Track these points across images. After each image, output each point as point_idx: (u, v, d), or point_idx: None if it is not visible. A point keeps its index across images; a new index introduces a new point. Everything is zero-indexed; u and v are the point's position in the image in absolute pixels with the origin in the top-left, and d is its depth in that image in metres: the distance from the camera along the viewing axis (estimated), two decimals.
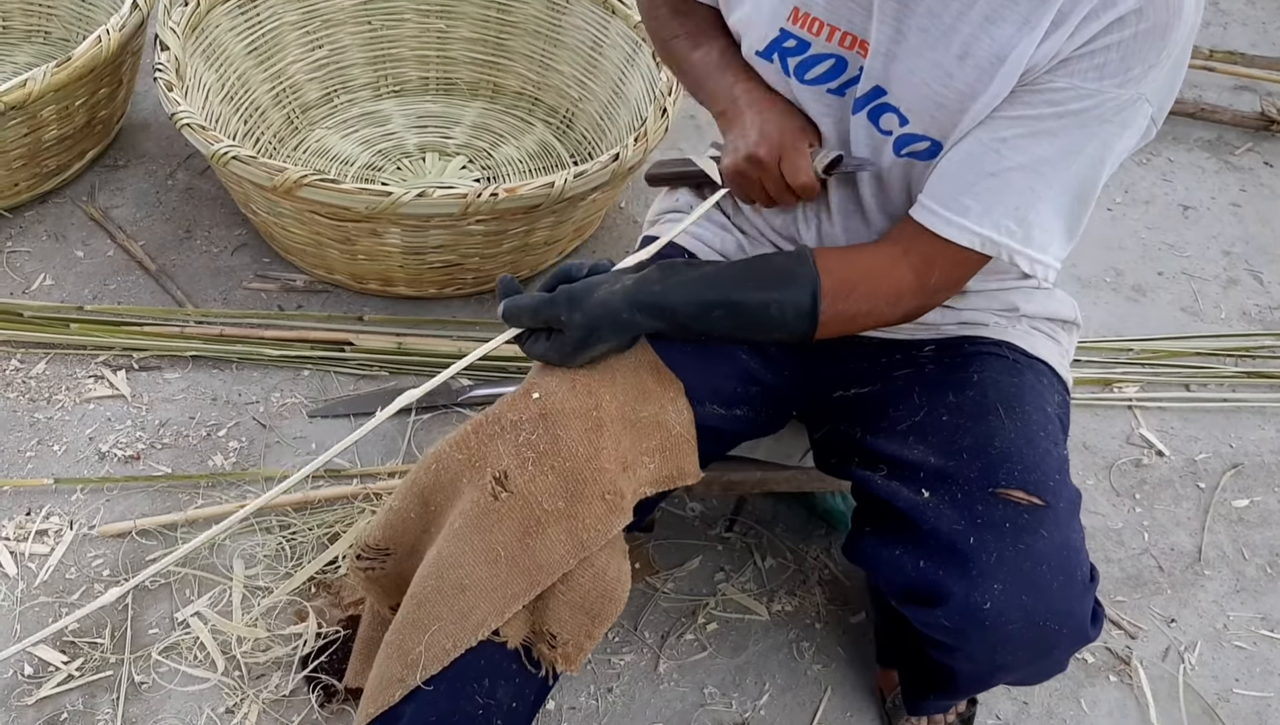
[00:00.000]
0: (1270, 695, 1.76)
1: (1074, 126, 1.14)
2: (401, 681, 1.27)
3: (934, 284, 1.25)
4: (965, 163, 1.18)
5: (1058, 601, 1.21)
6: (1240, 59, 3.15)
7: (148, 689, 1.61)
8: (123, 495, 1.84)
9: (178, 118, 2.01)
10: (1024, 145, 1.15)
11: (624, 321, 1.23)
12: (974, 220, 1.18)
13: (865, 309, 1.25)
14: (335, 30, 2.54)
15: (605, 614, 1.26)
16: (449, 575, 1.24)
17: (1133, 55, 1.11)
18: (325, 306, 2.19)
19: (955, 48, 1.17)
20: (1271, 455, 2.14)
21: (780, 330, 1.25)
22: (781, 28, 1.27)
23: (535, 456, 1.22)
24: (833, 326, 1.24)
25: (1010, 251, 1.19)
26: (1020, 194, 1.17)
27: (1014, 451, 1.26)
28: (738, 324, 1.25)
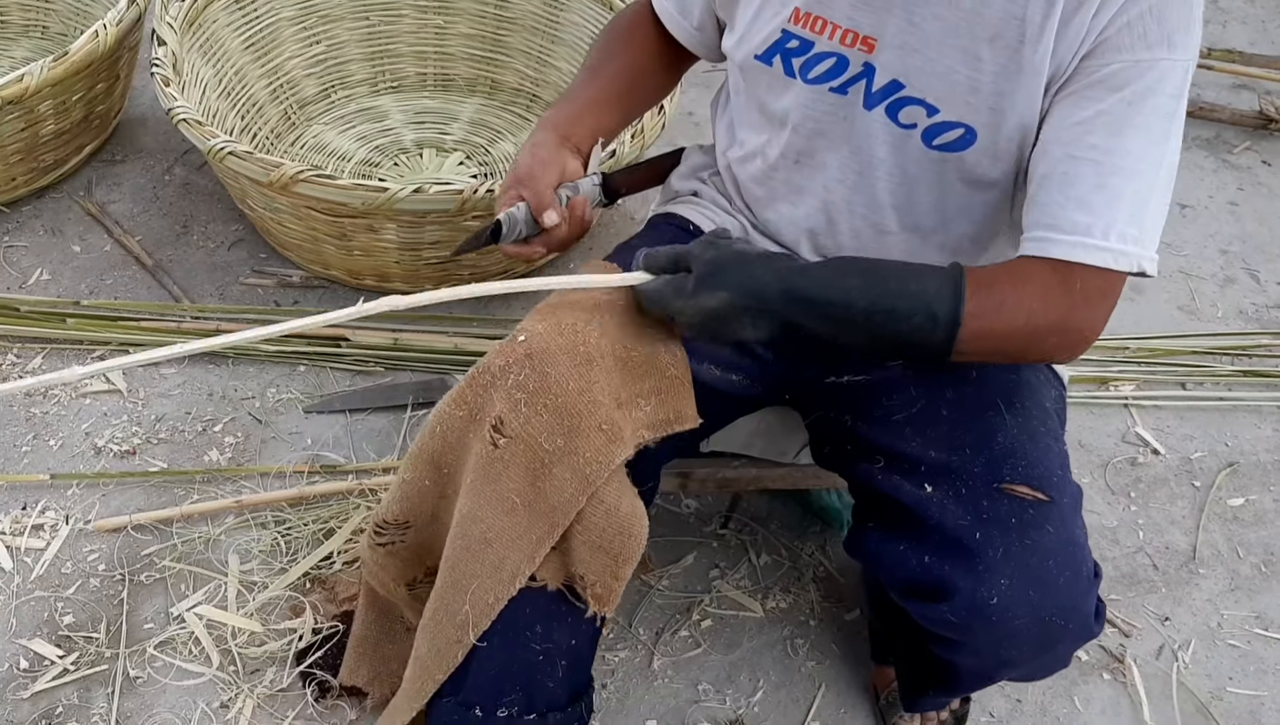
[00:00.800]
0: (1264, 694, 1.77)
1: (1147, 110, 1.12)
2: (459, 642, 1.28)
3: (1078, 317, 1.17)
4: (1065, 181, 1.15)
5: (1064, 597, 1.22)
6: (1239, 57, 3.15)
7: (142, 683, 1.62)
8: (118, 490, 1.84)
9: (174, 113, 2.01)
10: (1113, 146, 1.12)
11: (753, 275, 1.18)
12: (1099, 236, 1.13)
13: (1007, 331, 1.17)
14: (333, 26, 2.54)
15: (626, 552, 1.24)
16: (472, 531, 1.25)
17: (1166, 17, 1.11)
18: (321, 302, 2.19)
19: (983, 31, 1.17)
20: (1267, 454, 2.14)
21: (914, 347, 1.19)
22: (783, 29, 1.27)
23: (526, 397, 1.21)
24: (971, 349, 1.18)
25: (1139, 260, 1.14)
26: (1131, 198, 1.13)
27: (1017, 447, 1.26)
28: (871, 327, 1.18)
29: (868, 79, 1.25)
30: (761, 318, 1.18)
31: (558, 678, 1.34)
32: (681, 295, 1.19)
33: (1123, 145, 1.13)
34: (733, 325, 1.19)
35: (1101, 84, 1.13)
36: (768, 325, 1.19)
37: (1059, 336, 1.17)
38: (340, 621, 1.66)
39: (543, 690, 1.34)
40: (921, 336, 1.16)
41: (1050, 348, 1.19)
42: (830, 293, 1.18)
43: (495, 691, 1.33)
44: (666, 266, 1.23)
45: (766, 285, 1.18)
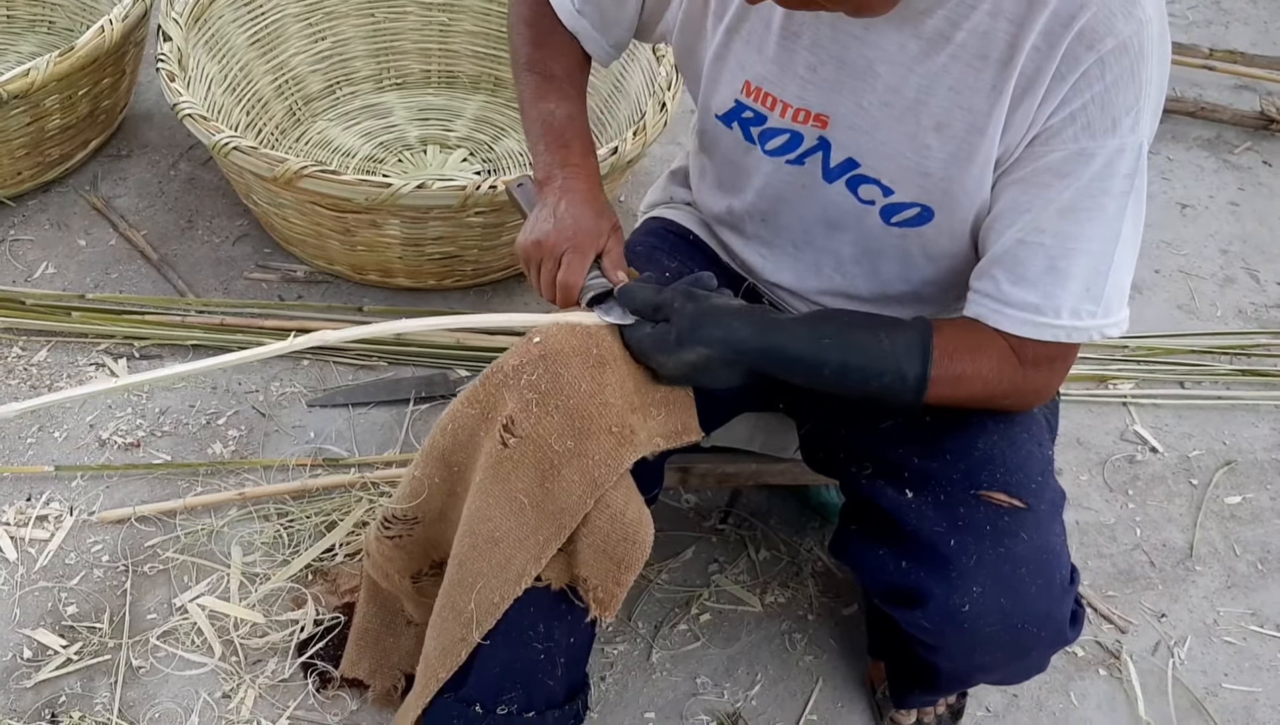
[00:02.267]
0: (1259, 690, 1.78)
1: (1096, 193, 1.13)
2: (464, 640, 1.30)
3: (1032, 382, 1.23)
4: (1015, 263, 1.17)
5: (1036, 604, 1.23)
6: (1240, 58, 3.15)
7: (145, 673, 1.63)
8: (122, 482, 1.86)
9: (179, 108, 2.02)
10: (1062, 230, 1.14)
11: (733, 331, 1.21)
12: (1050, 316, 1.16)
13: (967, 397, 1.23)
14: (338, 23, 2.55)
15: (630, 559, 1.25)
16: (480, 530, 1.26)
17: (1111, 105, 1.10)
18: (325, 297, 2.21)
19: (928, 120, 1.18)
20: (1265, 453, 2.15)
21: (883, 402, 1.24)
22: (736, 99, 1.28)
23: (538, 397, 1.21)
24: (934, 405, 1.24)
25: (1098, 330, 1.18)
26: (1083, 277, 1.15)
27: (996, 453, 1.27)
28: (843, 383, 1.23)
29: (824, 152, 1.26)
30: (737, 369, 1.23)
31: (557, 676, 1.36)
32: (663, 349, 1.22)
33: (1073, 230, 1.14)
34: (709, 377, 1.24)
35: (1049, 170, 1.14)
36: (743, 375, 1.24)
37: (1014, 399, 1.25)
38: (341, 613, 1.68)
39: (542, 688, 1.35)
40: (891, 394, 1.22)
41: (1007, 406, 1.27)
42: (804, 350, 1.22)
43: (496, 689, 1.35)
44: (643, 309, 1.24)
45: (744, 341, 1.21)
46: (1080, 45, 1.08)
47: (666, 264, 1.47)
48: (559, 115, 1.40)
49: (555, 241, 1.28)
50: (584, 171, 1.36)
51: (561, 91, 1.42)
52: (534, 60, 1.44)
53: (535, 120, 1.41)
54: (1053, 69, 1.10)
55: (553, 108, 1.40)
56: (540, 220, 1.31)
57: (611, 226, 1.32)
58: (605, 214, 1.33)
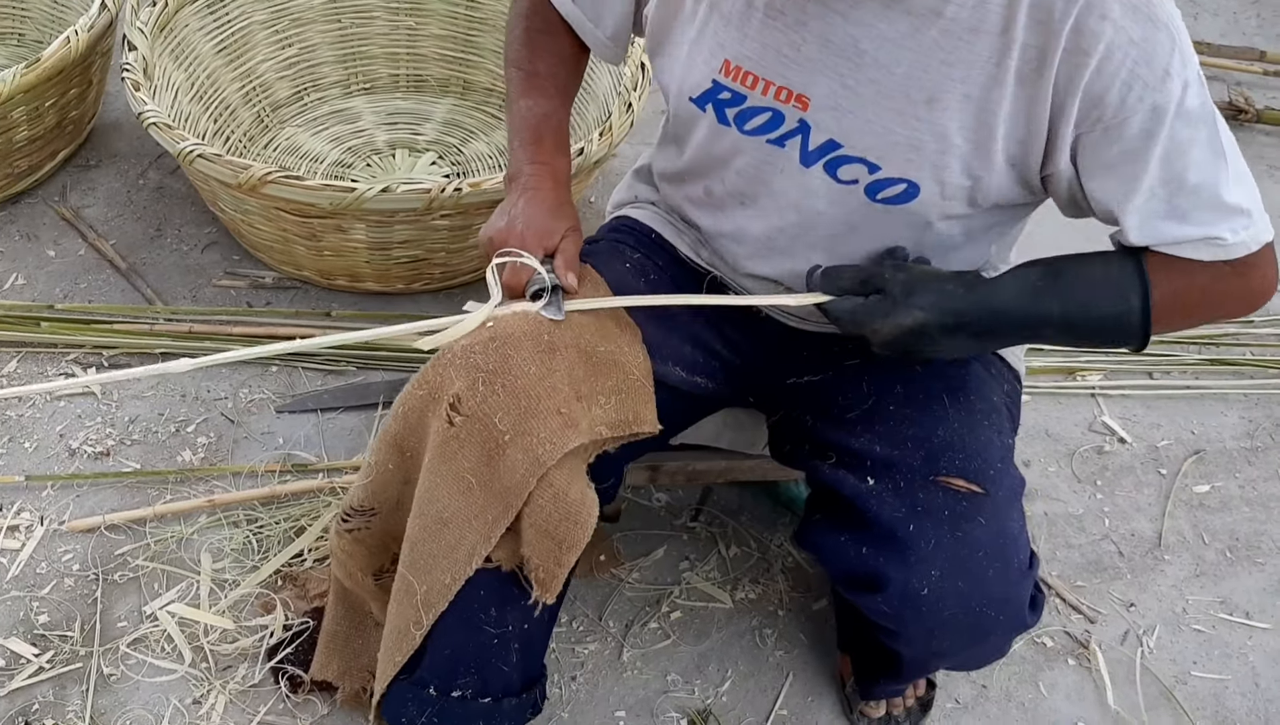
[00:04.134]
0: (1228, 678, 1.79)
1: (1181, 129, 1.13)
2: (417, 623, 1.31)
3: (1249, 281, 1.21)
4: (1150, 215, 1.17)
5: (993, 588, 1.24)
6: (1208, 49, 3.17)
7: (116, 680, 1.63)
8: (92, 491, 1.86)
9: (145, 117, 2.02)
10: (1168, 176, 1.15)
11: (948, 292, 1.21)
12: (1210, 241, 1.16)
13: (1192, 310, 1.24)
14: (305, 29, 2.56)
15: (571, 539, 1.25)
16: (429, 511, 1.27)
17: (1153, 57, 1.10)
18: (294, 303, 2.21)
19: (919, 95, 1.17)
20: (1233, 441, 2.17)
21: (1113, 338, 1.25)
22: (714, 80, 1.27)
23: (485, 377, 1.22)
24: (1164, 329, 1.24)
25: (1255, 237, 1.17)
26: (1210, 202, 1.15)
27: (956, 440, 1.28)
28: (1069, 330, 1.24)
29: (804, 135, 1.25)
30: (957, 333, 1.22)
31: (511, 663, 1.36)
32: (879, 316, 1.22)
33: (1177, 173, 1.14)
34: (926, 342, 1.23)
35: (1135, 139, 1.13)
36: (963, 341, 1.23)
37: (1240, 300, 1.23)
38: (311, 617, 1.68)
39: (497, 674, 1.36)
40: (1117, 326, 1.21)
41: (1235, 309, 1.26)
42: (1023, 302, 1.22)
43: (450, 672, 1.36)
44: (852, 287, 1.25)
45: (960, 301, 1.21)
46: (1091, 15, 1.09)
47: (629, 256, 1.47)
48: (535, 112, 1.41)
49: (505, 238, 1.30)
50: (550, 170, 1.37)
51: (542, 89, 1.43)
52: (521, 57, 1.45)
53: (514, 115, 1.43)
54: (1062, 43, 1.10)
55: (531, 104, 1.41)
56: (499, 215, 1.33)
57: (568, 227, 1.33)
58: (563, 214, 1.34)
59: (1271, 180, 2.85)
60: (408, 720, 1.39)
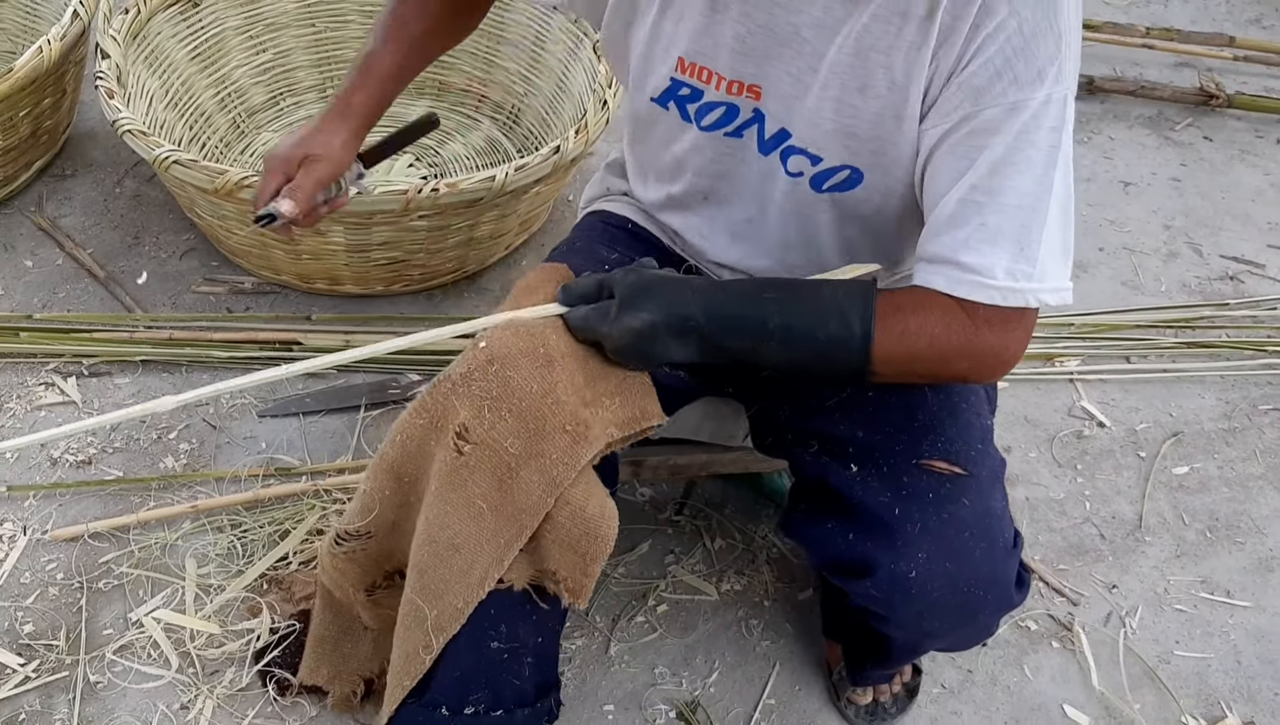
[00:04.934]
0: (1210, 656, 1.81)
1: (1025, 147, 1.12)
2: (427, 648, 1.30)
3: (985, 342, 1.17)
4: (950, 224, 1.15)
5: (980, 567, 1.25)
6: (1178, 35, 3.20)
7: (103, 688, 1.63)
8: (75, 500, 1.86)
9: (119, 124, 2.02)
10: (993, 187, 1.13)
11: (673, 294, 1.20)
12: (986, 276, 1.13)
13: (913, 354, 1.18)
14: (279, 34, 2.55)
15: (594, 552, 1.25)
16: (440, 538, 1.26)
17: (1035, 56, 1.10)
18: (273, 307, 2.21)
19: (853, 81, 1.19)
20: (1210, 423, 2.18)
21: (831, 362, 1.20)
22: (672, 77, 1.29)
23: (490, 403, 1.22)
24: (887, 371, 1.20)
25: (1034, 294, 1.14)
26: (1015, 236, 1.13)
27: (937, 423, 1.29)
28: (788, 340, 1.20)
29: (759, 125, 1.26)
30: (685, 337, 1.21)
31: (524, 675, 1.36)
32: (606, 320, 1.21)
33: (1004, 184, 1.12)
34: (658, 346, 1.22)
35: (980, 131, 1.13)
36: (693, 344, 1.22)
37: (969, 361, 1.18)
38: (297, 620, 1.68)
39: (509, 687, 1.36)
40: (837, 350, 1.18)
41: (963, 371, 1.20)
42: (748, 307, 1.20)
43: (461, 691, 1.35)
44: (589, 294, 1.25)
45: (687, 303, 1.20)
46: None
47: (605, 256, 1.48)
48: (378, 62, 1.51)
49: (269, 159, 1.46)
50: (338, 110, 1.49)
51: (388, 29, 1.50)
52: (398, 7, 1.51)
53: (364, 56, 1.52)
54: (970, 19, 1.11)
55: (381, 54, 1.50)
56: (285, 136, 1.49)
57: (304, 156, 1.44)
58: (310, 145, 1.45)
59: (1244, 165, 2.88)
60: None
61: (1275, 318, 2.42)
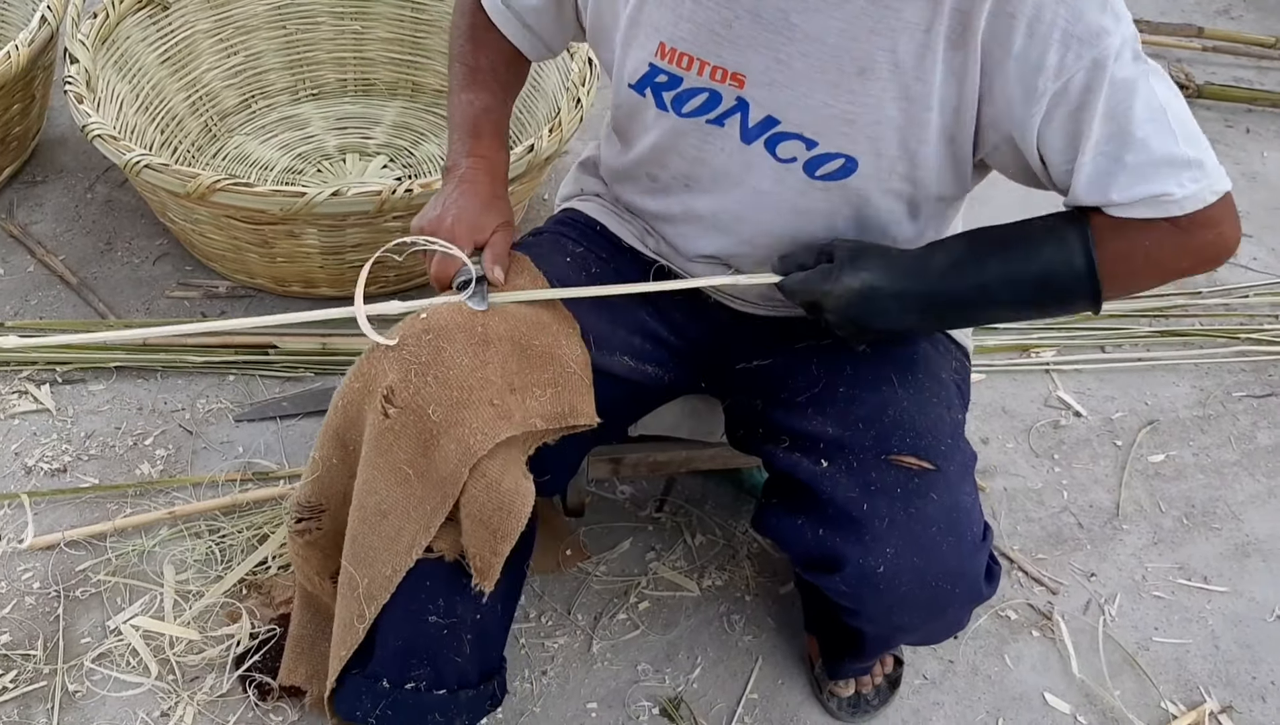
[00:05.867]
0: (1189, 642, 1.82)
1: (1122, 87, 1.12)
2: (361, 616, 1.31)
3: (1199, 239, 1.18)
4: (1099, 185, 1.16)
5: (948, 562, 1.26)
6: (1147, 26, 3.22)
7: (82, 697, 1.62)
8: (50, 508, 1.84)
9: (89, 129, 2.00)
10: (1113, 132, 1.14)
11: (893, 258, 1.22)
12: (1166, 200, 1.15)
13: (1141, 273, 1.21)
14: (250, 36, 2.54)
15: (505, 529, 1.25)
16: (368, 503, 1.27)
17: (1085, 15, 1.11)
18: (248, 311, 2.20)
19: (850, 66, 1.18)
20: (1185, 410, 2.20)
21: (1063, 303, 1.24)
22: (650, 63, 1.28)
23: (418, 368, 1.22)
24: (1116, 293, 1.22)
25: (1209, 188, 1.15)
26: (1161, 156, 1.14)
27: (906, 419, 1.30)
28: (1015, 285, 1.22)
29: (742, 113, 1.25)
30: (905, 301, 1.23)
31: (465, 654, 1.36)
32: (828, 279, 1.23)
33: (1126, 127, 1.13)
34: (877, 310, 1.23)
35: (1077, 100, 1.13)
36: (914, 310, 1.24)
37: (1193, 259, 1.21)
38: (277, 624, 1.67)
39: (451, 665, 1.36)
40: (1067, 284, 1.20)
41: (1189, 266, 1.22)
42: (969, 264, 1.23)
43: (402, 664, 1.36)
44: (805, 260, 1.26)
45: (907, 267, 1.23)
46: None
47: (571, 249, 1.47)
48: (476, 106, 1.42)
49: (435, 229, 1.31)
50: (487, 164, 1.38)
51: (483, 84, 1.43)
52: (464, 51, 1.45)
53: (455, 109, 1.44)
54: (987, 5, 1.11)
55: (472, 98, 1.42)
56: (432, 206, 1.35)
57: (500, 221, 1.34)
58: (496, 208, 1.35)
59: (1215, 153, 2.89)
60: (361, 714, 1.39)
61: (1247, 306, 2.44)
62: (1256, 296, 2.46)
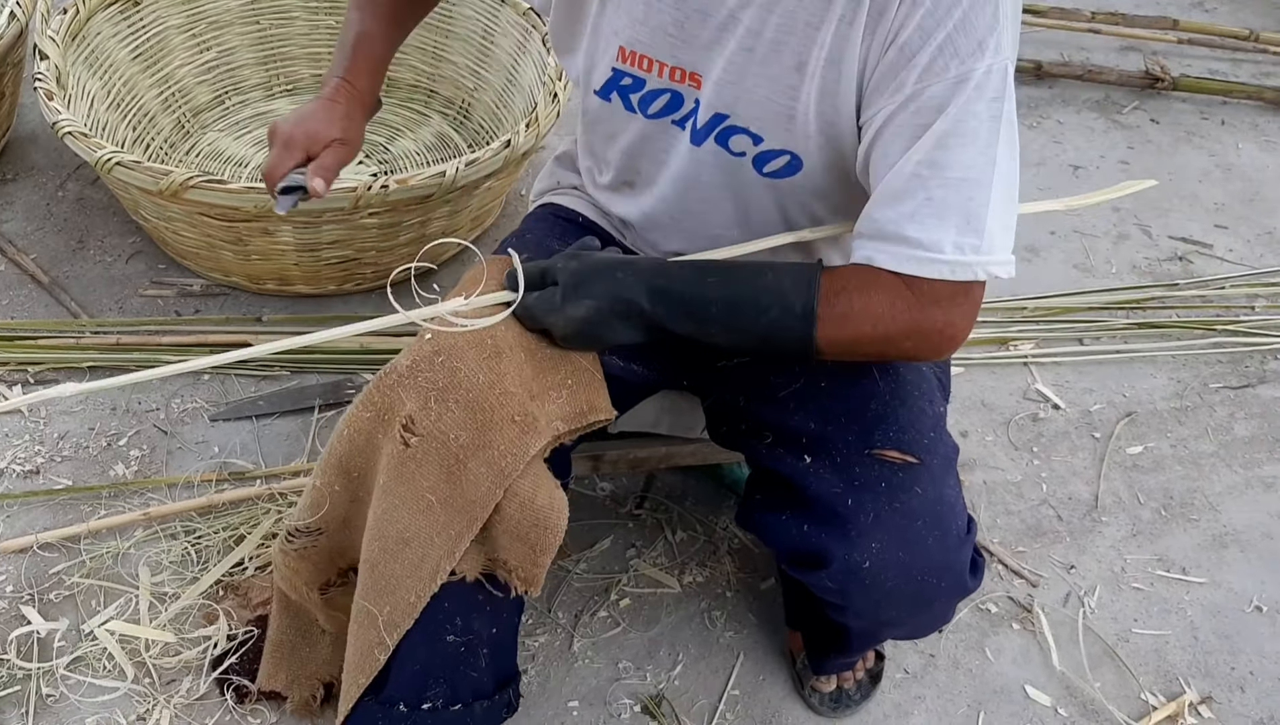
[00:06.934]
0: (1168, 633, 1.82)
1: (968, 119, 1.11)
2: (381, 644, 1.29)
3: (930, 319, 1.16)
4: (895, 199, 1.13)
5: (933, 556, 1.25)
6: (1122, 19, 3.23)
7: (55, 702, 1.60)
8: (23, 510, 1.82)
9: (59, 126, 1.98)
10: (937, 160, 1.11)
11: (617, 280, 1.20)
12: (933, 251, 1.12)
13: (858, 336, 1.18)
14: (223, 32, 2.51)
15: (544, 543, 1.25)
16: (389, 533, 1.25)
17: (974, 28, 1.10)
18: (223, 309, 2.18)
19: (789, 59, 1.18)
20: (1163, 402, 2.21)
21: (776, 342, 1.21)
22: (614, 67, 1.28)
23: (436, 394, 1.21)
24: (833, 351, 1.20)
25: (982, 267, 1.13)
26: (961, 209, 1.12)
27: (888, 413, 1.29)
28: (732, 321, 1.20)
29: (694, 115, 1.26)
30: (630, 321, 1.22)
31: (481, 667, 1.35)
32: (551, 309, 1.22)
33: (948, 158, 1.11)
34: (604, 331, 1.22)
35: (924, 108, 1.12)
36: (638, 328, 1.22)
37: (914, 340, 1.18)
38: (255, 626, 1.66)
39: (466, 680, 1.35)
40: (781, 330, 1.19)
41: (909, 349, 1.20)
42: (691, 289, 1.21)
43: (418, 687, 1.34)
44: (533, 281, 1.24)
45: (630, 288, 1.20)
46: None
47: (555, 248, 1.46)
48: (359, 30, 1.48)
49: (275, 131, 1.40)
50: (347, 85, 1.46)
51: (373, 7, 1.48)
52: None
53: (344, 28, 1.50)
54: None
55: (357, 19, 1.48)
56: (291, 113, 1.43)
57: (336, 138, 1.40)
58: (336, 124, 1.41)
59: (1190, 146, 2.91)
60: None
61: (1223, 297, 2.45)
62: (1232, 288, 2.47)
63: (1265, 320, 2.38)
